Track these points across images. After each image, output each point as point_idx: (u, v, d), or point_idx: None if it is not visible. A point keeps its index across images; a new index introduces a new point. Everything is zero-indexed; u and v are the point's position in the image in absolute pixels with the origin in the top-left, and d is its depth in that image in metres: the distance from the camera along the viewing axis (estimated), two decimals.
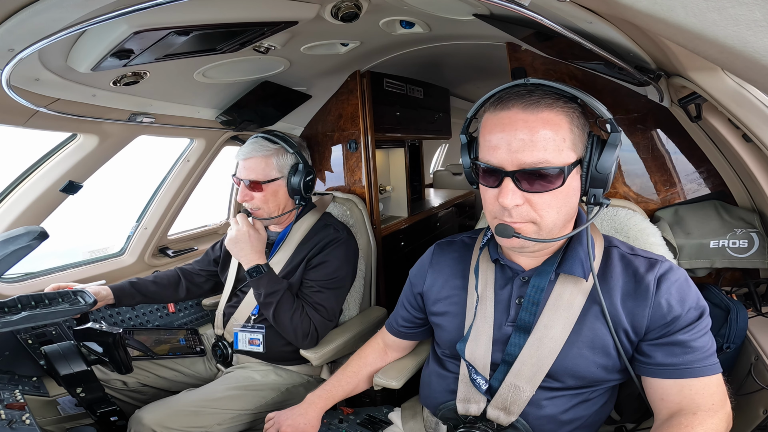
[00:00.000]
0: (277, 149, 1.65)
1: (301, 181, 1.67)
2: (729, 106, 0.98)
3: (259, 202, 1.64)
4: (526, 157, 0.85)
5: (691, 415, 0.87)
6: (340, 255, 1.67)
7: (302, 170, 1.68)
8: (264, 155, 1.63)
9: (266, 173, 1.63)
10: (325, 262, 1.64)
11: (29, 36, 0.85)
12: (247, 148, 1.64)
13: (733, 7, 0.50)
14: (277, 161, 1.65)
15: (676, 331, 0.90)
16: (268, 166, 1.64)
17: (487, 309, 1.04)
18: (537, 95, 0.87)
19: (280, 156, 1.66)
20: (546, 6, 0.82)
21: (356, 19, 1.31)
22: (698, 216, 1.49)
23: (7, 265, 1.19)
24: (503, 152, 0.87)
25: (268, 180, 1.64)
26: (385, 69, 2.38)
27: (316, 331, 1.59)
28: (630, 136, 1.63)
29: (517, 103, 0.87)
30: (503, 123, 0.87)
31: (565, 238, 0.96)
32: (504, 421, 1.00)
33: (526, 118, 0.85)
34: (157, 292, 1.79)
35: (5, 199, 1.59)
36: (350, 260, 1.74)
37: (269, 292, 1.53)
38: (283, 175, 1.67)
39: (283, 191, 1.68)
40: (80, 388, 1.23)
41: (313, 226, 1.74)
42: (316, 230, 1.73)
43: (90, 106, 1.41)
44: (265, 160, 1.63)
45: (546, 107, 0.85)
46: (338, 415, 1.49)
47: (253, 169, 1.62)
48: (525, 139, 0.85)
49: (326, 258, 1.65)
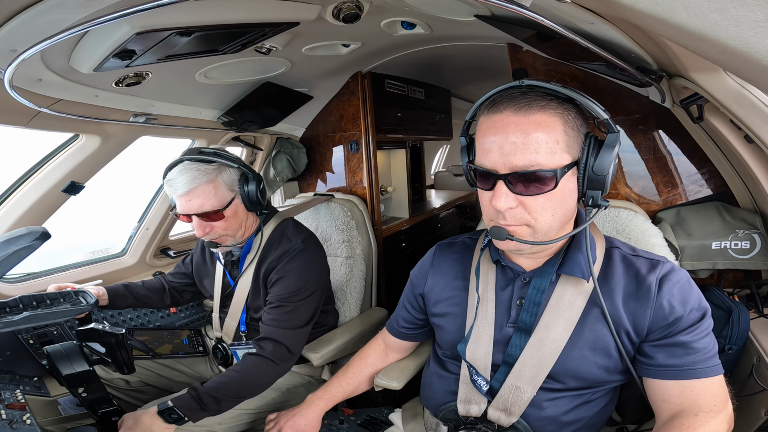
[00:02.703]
0: (217, 167, 1.43)
1: (256, 192, 1.49)
2: (731, 107, 0.98)
3: (221, 230, 1.47)
4: (517, 159, 0.84)
5: (692, 416, 0.86)
6: (297, 267, 1.50)
7: (252, 179, 1.50)
8: (208, 180, 1.41)
9: (220, 198, 1.43)
10: (283, 278, 1.49)
11: (32, 37, 0.85)
12: (183, 180, 1.38)
13: (735, 8, 0.50)
14: (224, 180, 1.45)
15: (677, 332, 0.89)
16: (218, 190, 1.43)
17: (488, 310, 1.04)
18: (530, 97, 0.86)
19: (224, 173, 1.45)
20: (547, 7, 0.82)
21: (357, 20, 1.32)
22: (700, 217, 1.48)
23: (9, 265, 1.20)
24: (496, 155, 0.86)
25: (226, 204, 1.45)
26: (387, 70, 2.39)
27: (287, 350, 1.45)
28: (632, 137, 1.63)
29: (509, 106, 0.86)
30: (496, 126, 0.87)
31: (564, 240, 0.96)
32: (505, 422, 1.00)
33: (518, 120, 0.85)
34: (148, 296, 1.76)
35: (7, 200, 1.59)
36: (313, 269, 1.55)
37: (211, 409, 1.32)
38: (236, 191, 1.48)
39: (241, 208, 1.52)
40: (82, 388, 1.23)
41: (270, 236, 1.59)
42: (272, 241, 1.58)
43: (92, 107, 1.41)
44: (213, 185, 1.42)
45: (538, 109, 0.85)
46: (339, 416, 1.50)
47: (203, 199, 1.40)
48: (517, 142, 0.84)
49: (283, 273, 1.49)
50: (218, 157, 1.44)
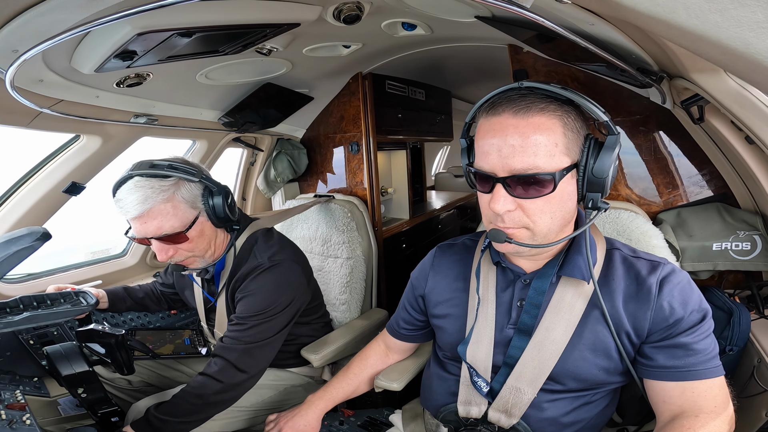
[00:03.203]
0: (174, 183, 1.26)
1: (224, 206, 1.33)
2: (731, 108, 0.98)
3: (186, 251, 1.33)
4: (516, 162, 0.84)
5: (693, 417, 0.86)
6: (261, 287, 1.37)
7: (217, 192, 1.32)
8: (164, 198, 1.24)
9: (182, 218, 1.27)
10: (246, 297, 1.37)
11: (33, 37, 0.85)
12: (134, 199, 1.21)
13: (735, 9, 0.50)
14: (184, 196, 1.27)
15: (678, 333, 0.89)
16: (178, 209, 1.26)
17: (488, 311, 1.04)
18: (528, 99, 0.85)
19: (183, 188, 1.27)
20: (547, 8, 0.82)
21: (358, 21, 1.32)
22: (701, 218, 1.48)
23: (10, 265, 1.20)
24: (494, 158, 0.86)
25: (190, 225, 1.29)
26: (387, 71, 2.39)
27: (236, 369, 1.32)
28: (632, 138, 1.63)
29: (508, 109, 0.86)
30: (494, 129, 0.86)
31: (563, 242, 0.96)
32: (505, 423, 0.99)
33: (516, 123, 0.84)
34: (145, 299, 1.76)
35: (8, 200, 1.59)
36: (280, 287, 1.40)
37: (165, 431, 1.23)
38: (199, 208, 1.32)
39: (207, 226, 1.35)
40: (82, 389, 1.23)
41: (239, 250, 1.45)
42: (241, 258, 1.44)
43: (93, 108, 1.42)
44: (170, 203, 1.25)
45: (537, 112, 0.84)
46: (339, 417, 1.49)
47: (160, 220, 1.24)
48: (515, 144, 0.84)
49: (246, 292, 1.38)
50: (174, 171, 1.25)
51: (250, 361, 1.36)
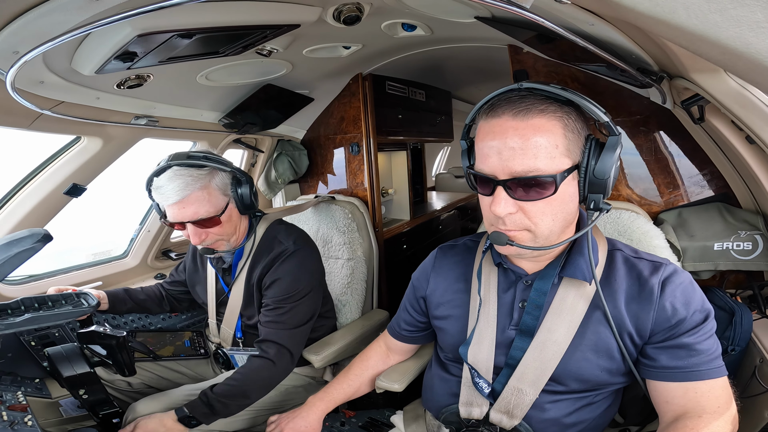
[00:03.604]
0: (209, 172, 1.40)
1: (250, 195, 1.48)
2: (732, 108, 0.98)
3: (216, 235, 1.45)
4: (516, 165, 0.83)
5: (696, 418, 0.86)
6: (291, 269, 1.49)
7: (245, 181, 1.47)
8: (201, 186, 1.37)
9: (215, 204, 1.40)
10: (278, 280, 1.48)
11: (34, 39, 0.85)
12: (174, 187, 1.34)
13: (735, 9, 0.50)
14: (218, 184, 1.42)
15: (680, 334, 0.89)
16: (212, 195, 1.39)
17: (489, 312, 1.04)
18: (528, 101, 0.85)
19: (216, 177, 1.42)
20: (547, 8, 0.82)
21: (358, 22, 1.32)
22: (702, 218, 1.48)
23: (11, 267, 1.20)
24: (495, 161, 0.86)
25: (222, 210, 1.43)
26: (387, 72, 2.39)
27: (288, 351, 1.46)
28: (633, 138, 1.63)
29: (508, 110, 0.85)
30: (494, 131, 0.86)
31: (565, 244, 0.96)
32: (507, 424, 0.99)
33: (516, 125, 0.84)
34: (146, 301, 1.77)
35: (9, 202, 1.60)
36: (307, 270, 1.54)
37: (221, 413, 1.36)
38: (229, 196, 1.46)
39: (235, 212, 1.49)
40: (83, 390, 1.24)
41: (261, 238, 1.58)
42: (263, 245, 1.56)
43: (94, 109, 1.42)
44: (206, 191, 1.38)
45: (537, 113, 0.84)
46: (340, 418, 1.49)
47: (197, 206, 1.36)
48: (516, 147, 0.83)
49: (277, 275, 1.48)
50: (209, 161, 1.39)
51: (296, 344, 1.49)
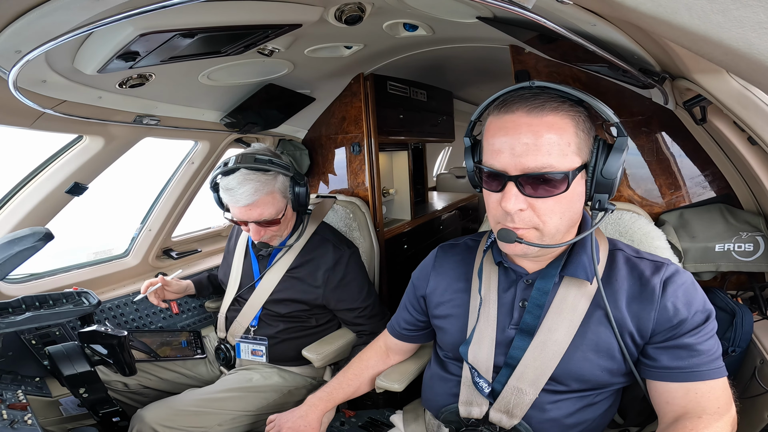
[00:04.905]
0: (274, 176, 1.51)
1: (305, 194, 1.60)
2: (734, 109, 0.98)
3: (272, 232, 1.58)
4: (529, 161, 0.84)
5: (696, 418, 0.86)
6: (354, 268, 1.68)
7: (303, 183, 1.60)
8: (268, 191, 1.49)
9: (277, 207, 1.53)
10: (349, 283, 1.65)
11: (36, 38, 0.86)
12: (245, 191, 1.44)
13: (738, 9, 0.50)
14: (280, 188, 1.53)
15: (682, 334, 0.89)
16: (276, 199, 1.52)
17: (490, 312, 1.04)
18: (542, 99, 0.85)
19: (279, 181, 1.53)
20: (549, 8, 0.82)
21: (360, 22, 1.32)
22: (703, 219, 1.48)
23: (12, 265, 1.20)
24: (507, 156, 0.86)
25: (283, 213, 1.56)
26: (389, 72, 2.39)
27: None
28: (635, 139, 1.63)
29: (522, 107, 0.86)
30: (507, 127, 0.86)
31: (569, 243, 0.96)
32: (506, 424, 0.99)
33: (530, 121, 0.84)
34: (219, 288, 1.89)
35: (11, 200, 1.60)
36: (362, 266, 1.77)
37: None
38: (288, 198, 1.58)
39: (289, 211, 1.63)
40: (83, 389, 1.24)
41: (311, 238, 1.70)
42: (315, 245, 1.68)
43: (96, 108, 1.42)
44: (272, 195, 1.50)
45: (551, 111, 0.84)
46: (340, 418, 1.49)
47: (263, 209, 1.49)
48: (529, 143, 0.84)
49: (347, 279, 1.64)
50: (273, 165, 1.49)
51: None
